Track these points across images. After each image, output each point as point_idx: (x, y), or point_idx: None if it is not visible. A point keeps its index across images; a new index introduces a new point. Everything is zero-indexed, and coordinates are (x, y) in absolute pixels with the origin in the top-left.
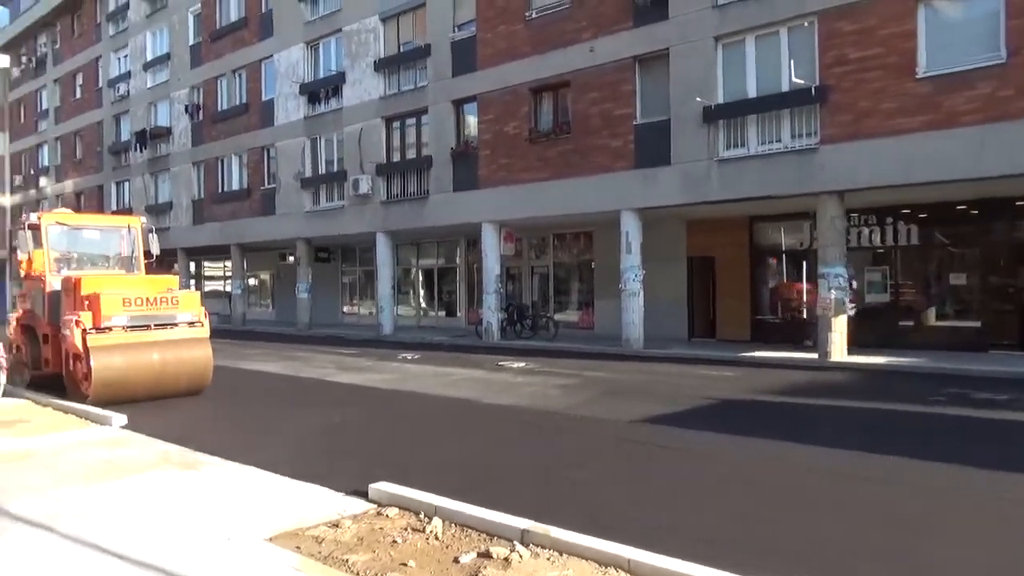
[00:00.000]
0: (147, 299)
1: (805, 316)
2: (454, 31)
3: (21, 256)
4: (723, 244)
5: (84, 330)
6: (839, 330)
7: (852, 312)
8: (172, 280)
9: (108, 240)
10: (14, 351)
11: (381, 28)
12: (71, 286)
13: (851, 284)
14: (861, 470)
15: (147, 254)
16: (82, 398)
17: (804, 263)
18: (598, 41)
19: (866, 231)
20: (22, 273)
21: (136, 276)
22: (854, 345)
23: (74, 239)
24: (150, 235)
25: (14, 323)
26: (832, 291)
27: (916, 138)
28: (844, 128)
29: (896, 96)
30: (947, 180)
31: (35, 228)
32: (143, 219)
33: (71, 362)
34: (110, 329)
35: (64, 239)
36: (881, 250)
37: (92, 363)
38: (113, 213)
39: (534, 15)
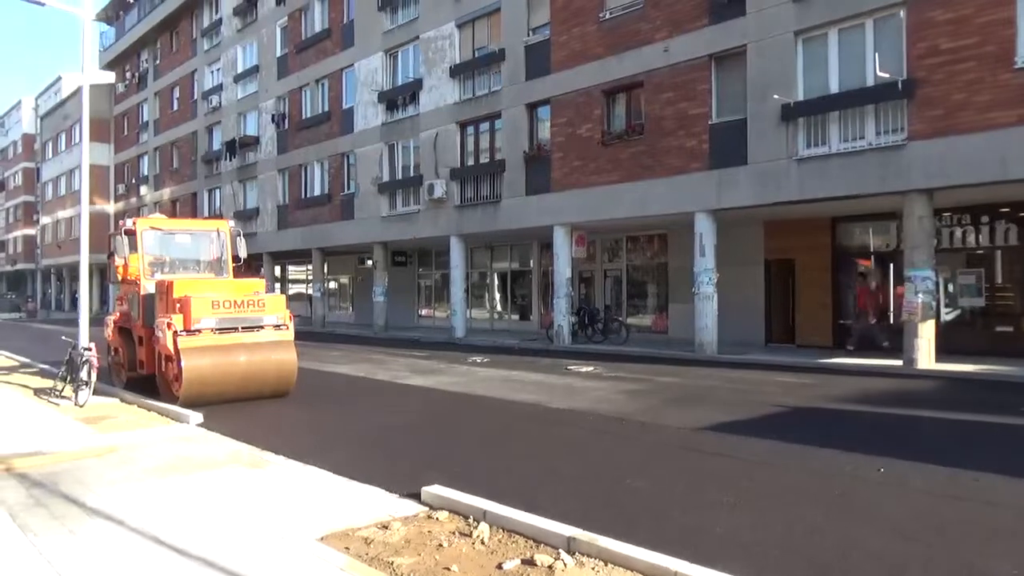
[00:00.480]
0: (235, 302)
1: (892, 321)
2: (528, 35)
3: (118, 261)
4: (803, 246)
5: (175, 332)
6: (926, 336)
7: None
8: (259, 283)
9: (198, 244)
10: (112, 353)
11: (457, 34)
12: (164, 289)
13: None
14: (935, 486)
15: (235, 258)
16: (173, 399)
17: (892, 265)
18: (673, 40)
19: (959, 231)
20: (119, 277)
21: (225, 279)
22: (945, 352)
23: (167, 243)
24: (238, 239)
25: (112, 326)
26: (919, 295)
27: (1014, 132)
28: (934, 123)
29: (992, 88)
30: None
31: (131, 233)
32: (231, 223)
33: (163, 363)
34: (200, 331)
35: (157, 243)
36: (980, 252)
37: (182, 364)
38: (205, 219)
39: (608, 16)
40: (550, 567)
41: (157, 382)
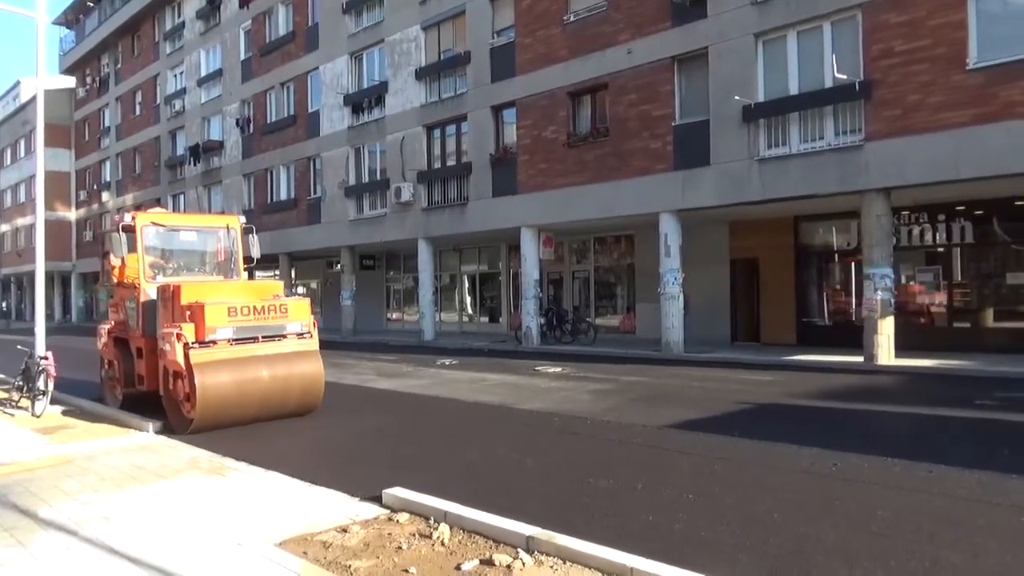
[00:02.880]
0: (254, 308)
1: (854, 318)
2: (493, 37)
3: (115, 261)
4: (767, 245)
5: (186, 344)
6: (886, 332)
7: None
8: (277, 286)
9: (205, 242)
10: (105, 366)
11: (422, 37)
12: (169, 295)
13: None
14: (890, 479)
15: (247, 258)
16: (185, 423)
17: (853, 264)
18: (636, 42)
19: (917, 230)
20: (114, 280)
21: (237, 282)
22: (905, 348)
23: (169, 241)
24: (250, 236)
25: (105, 336)
26: (878, 292)
27: (967, 132)
28: (890, 123)
29: (945, 89)
30: (1002, 175)
31: (129, 230)
32: (242, 219)
33: (171, 380)
34: (214, 343)
35: (159, 241)
36: (941, 248)
37: (196, 382)
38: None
39: (572, 18)
40: (508, 566)
41: (163, 402)
